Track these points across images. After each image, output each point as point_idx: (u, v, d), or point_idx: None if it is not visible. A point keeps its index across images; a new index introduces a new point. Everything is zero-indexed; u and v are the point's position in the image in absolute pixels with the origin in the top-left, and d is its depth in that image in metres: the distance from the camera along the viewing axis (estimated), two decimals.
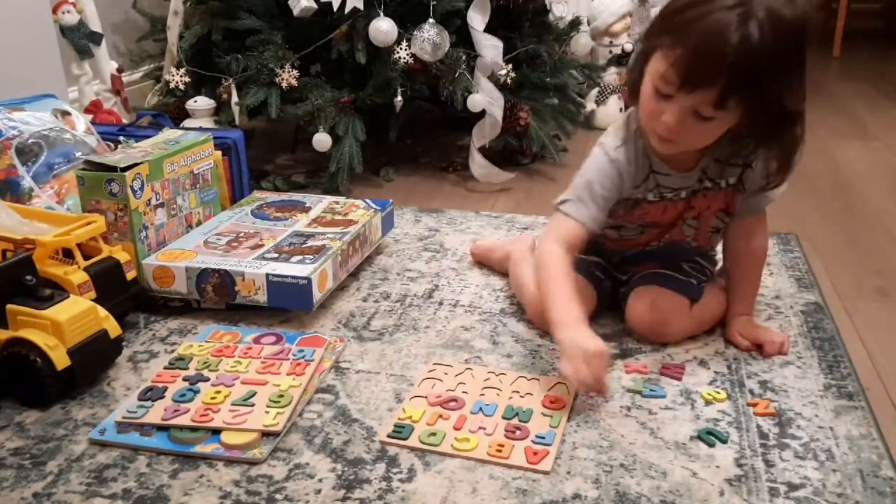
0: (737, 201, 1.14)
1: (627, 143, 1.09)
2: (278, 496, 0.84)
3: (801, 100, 0.98)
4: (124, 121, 1.92)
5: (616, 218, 1.14)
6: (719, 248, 1.23)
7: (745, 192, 1.12)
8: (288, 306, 1.22)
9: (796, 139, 1.01)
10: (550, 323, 1.03)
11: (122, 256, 1.18)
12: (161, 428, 0.94)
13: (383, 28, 1.72)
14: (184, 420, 0.95)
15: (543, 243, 1.11)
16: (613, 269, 1.21)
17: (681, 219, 1.14)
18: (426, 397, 1.01)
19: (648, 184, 1.10)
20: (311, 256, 1.24)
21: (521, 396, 1.00)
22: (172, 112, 1.91)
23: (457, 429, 0.94)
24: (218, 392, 1.00)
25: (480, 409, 0.98)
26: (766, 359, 1.10)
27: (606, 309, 1.21)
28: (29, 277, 1.03)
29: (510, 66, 1.88)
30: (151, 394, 1.00)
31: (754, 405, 0.99)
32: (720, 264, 1.25)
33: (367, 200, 1.48)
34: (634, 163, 1.09)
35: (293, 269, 1.19)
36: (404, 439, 0.93)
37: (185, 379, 1.04)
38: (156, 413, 0.96)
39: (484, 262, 1.42)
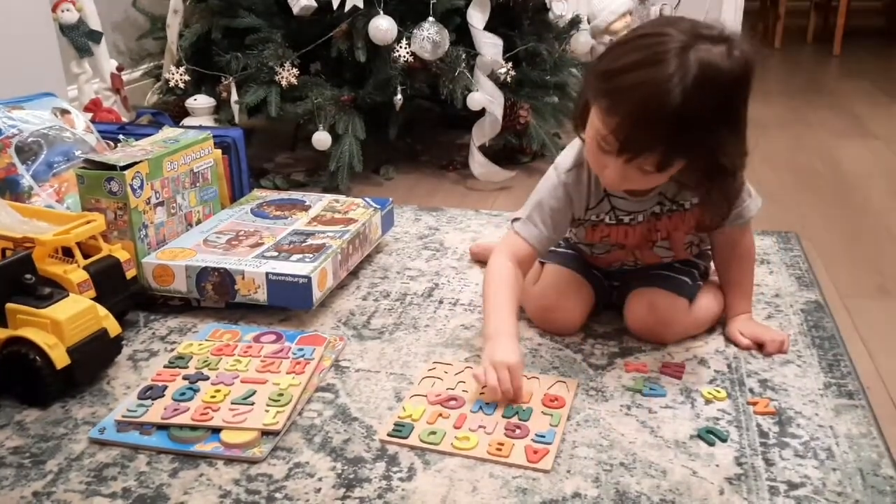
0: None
1: (580, 168, 1.08)
2: (278, 495, 0.84)
3: (740, 155, 0.95)
4: (124, 119, 1.92)
5: (581, 238, 1.15)
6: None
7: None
8: (288, 305, 1.22)
9: (735, 191, 1.02)
10: (483, 335, 1.05)
11: (122, 255, 1.18)
12: (161, 427, 0.94)
13: (383, 26, 1.72)
14: (183, 419, 0.95)
15: (494, 256, 1.11)
16: (605, 276, 1.21)
17: (649, 242, 1.13)
18: (426, 396, 1.01)
19: (603, 206, 1.09)
20: (311, 255, 1.23)
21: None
22: (172, 110, 1.91)
23: (457, 427, 0.94)
24: (218, 391, 1.00)
25: (480, 407, 0.98)
26: (766, 357, 1.10)
27: (605, 307, 1.21)
28: (28, 276, 1.03)
29: (510, 64, 1.87)
30: (151, 392, 1.00)
31: (754, 404, 0.99)
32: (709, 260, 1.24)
33: (367, 199, 1.48)
34: (587, 187, 1.08)
35: (293, 267, 1.19)
36: (404, 438, 0.92)
37: (184, 378, 1.04)
38: (155, 412, 0.96)
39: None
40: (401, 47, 1.75)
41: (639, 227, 1.11)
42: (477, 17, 1.80)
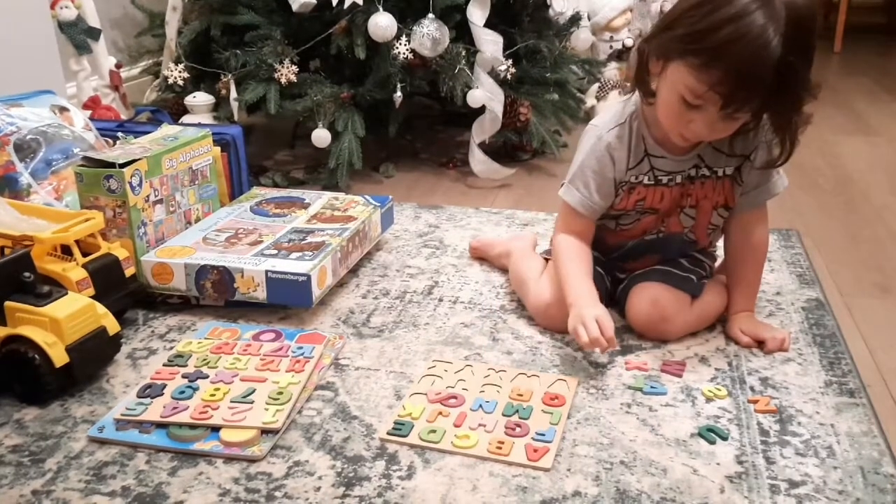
0: (735, 195, 1.13)
1: (622, 127, 1.10)
2: (277, 493, 0.84)
3: (814, 86, 0.98)
4: (123, 117, 1.92)
5: (615, 208, 1.15)
6: (719, 243, 1.23)
7: (744, 184, 1.12)
8: (287, 303, 1.22)
9: (805, 120, 1.03)
10: (568, 304, 1.09)
11: (121, 253, 1.18)
12: (160, 425, 0.94)
13: (383, 23, 1.71)
14: (183, 417, 0.94)
15: (555, 235, 1.18)
16: (612, 267, 1.21)
17: (678, 206, 1.14)
18: (426, 394, 1.00)
19: (643, 167, 1.11)
20: (311, 253, 1.23)
21: (520, 393, 1.00)
22: (171, 108, 1.90)
23: (457, 426, 0.94)
24: (217, 389, 1.00)
25: (480, 406, 0.98)
26: (766, 355, 1.10)
27: (606, 305, 1.21)
28: (27, 274, 1.02)
29: (510, 61, 1.87)
30: (150, 391, 1.00)
31: (755, 402, 0.99)
32: (720, 260, 1.24)
33: (367, 196, 1.47)
34: (628, 145, 1.10)
35: (292, 265, 1.19)
36: (404, 437, 0.92)
37: (184, 376, 1.03)
38: (155, 410, 0.96)
39: (483, 257, 1.42)
40: (400, 44, 1.74)
41: (675, 188, 1.12)
42: (477, 14, 1.80)
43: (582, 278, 1.11)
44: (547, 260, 1.24)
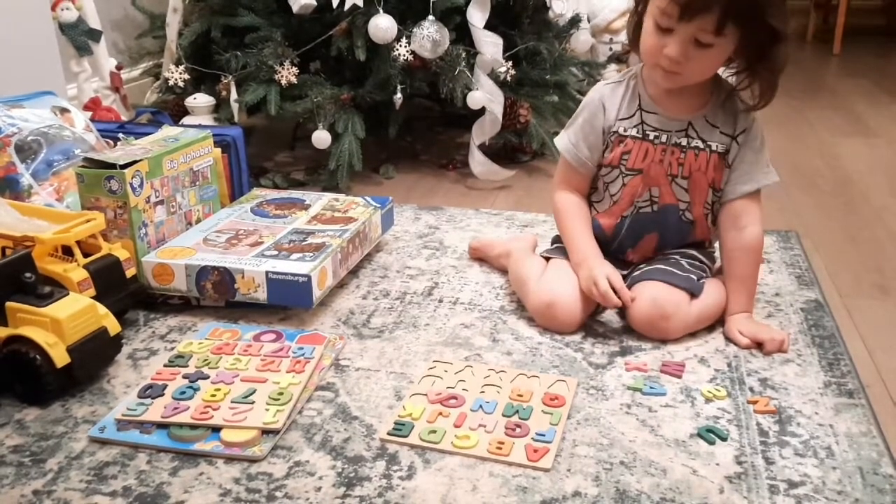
0: (724, 177, 1.16)
1: (619, 83, 1.18)
2: (278, 494, 0.84)
3: (786, 19, 1.04)
4: (123, 118, 1.92)
5: (603, 163, 1.19)
6: (717, 244, 1.23)
7: (731, 168, 1.16)
8: (287, 304, 1.22)
9: (783, 58, 1.08)
10: (572, 263, 1.19)
11: (122, 254, 1.18)
12: (161, 425, 0.94)
13: (383, 25, 1.72)
14: (183, 418, 0.95)
15: (553, 191, 1.26)
16: (614, 261, 1.21)
17: (669, 175, 1.16)
18: (426, 395, 1.01)
19: (634, 119, 1.16)
20: (311, 254, 1.23)
21: (520, 394, 1.00)
22: (172, 109, 1.90)
23: (457, 426, 0.94)
24: (218, 390, 1.00)
25: (480, 406, 0.98)
26: (766, 356, 1.10)
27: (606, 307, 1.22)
28: (28, 275, 1.03)
29: (510, 63, 1.87)
30: (151, 391, 1.00)
31: (754, 403, 0.99)
32: (719, 262, 1.25)
33: (367, 198, 1.47)
34: (622, 97, 1.17)
35: (293, 266, 1.19)
36: (404, 437, 0.92)
37: (184, 376, 1.04)
38: (155, 411, 0.96)
39: (482, 258, 1.42)
40: (401, 46, 1.75)
41: (660, 148, 1.15)
42: (477, 16, 1.80)
43: (585, 236, 1.19)
44: (547, 260, 1.24)
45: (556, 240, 1.28)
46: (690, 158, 1.15)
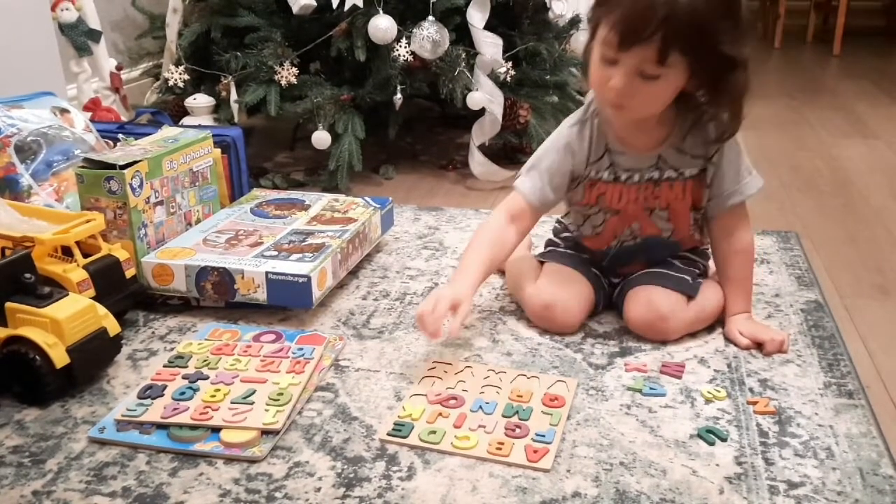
0: (703, 197, 1.14)
1: (584, 122, 1.13)
2: (278, 494, 0.84)
3: (742, 45, 0.98)
4: (123, 118, 1.92)
5: (577, 204, 1.17)
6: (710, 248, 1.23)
7: (712, 186, 1.13)
8: (287, 304, 1.22)
9: (742, 86, 1.02)
10: None
11: (122, 254, 1.18)
12: (160, 426, 0.94)
13: (383, 25, 1.72)
14: (183, 418, 0.94)
15: (493, 211, 1.18)
16: (607, 271, 1.21)
17: (647, 209, 1.14)
18: (426, 395, 1.01)
19: (603, 162, 1.12)
20: (311, 254, 1.23)
21: (520, 394, 1.00)
22: (171, 110, 1.90)
23: (457, 427, 0.94)
24: (217, 390, 1.00)
25: (480, 407, 0.98)
26: (765, 357, 1.10)
27: (605, 307, 1.21)
28: (28, 275, 1.02)
29: (510, 63, 1.87)
30: (151, 392, 1.00)
31: (754, 403, 0.99)
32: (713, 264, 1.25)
33: (367, 198, 1.47)
34: (588, 139, 1.12)
35: (292, 267, 1.19)
36: (404, 437, 0.92)
37: (184, 377, 1.04)
38: (155, 411, 0.96)
39: None
40: (400, 46, 1.75)
41: (633, 189, 1.12)
42: (477, 17, 1.80)
43: (475, 268, 1.10)
44: (542, 263, 1.24)
45: (550, 243, 1.28)
46: (666, 190, 1.12)
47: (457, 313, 1.05)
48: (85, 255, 1.14)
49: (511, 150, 2.02)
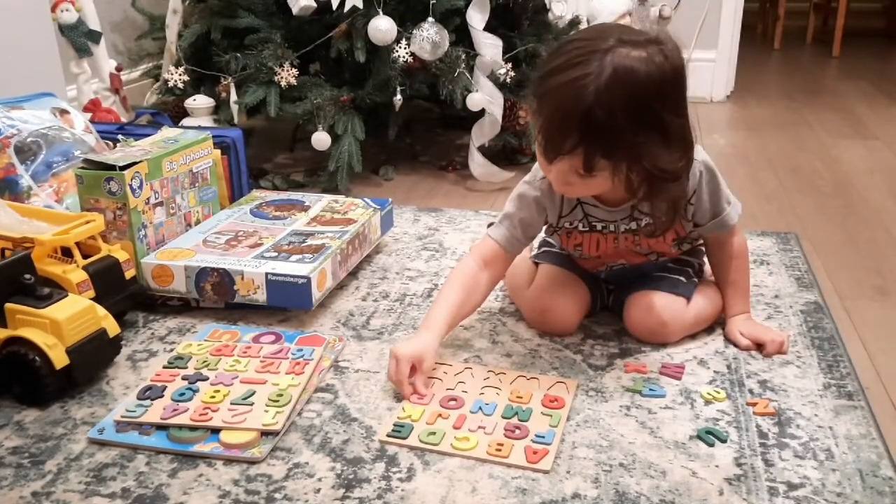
0: (685, 228, 1.12)
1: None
2: (277, 495, 0.84)
3: (672, 157, 0.94)
4: (123, 119, 1.92)
5: (558, 245, 1.16)
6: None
7: (693, 218, 1.10)
8: (287, 305, 1.22)
9: (676, 197, 1.01)
10: None
11: (121, 255, 1.18)
12: (160, 427, 0.94)
13: (382, 27, 1.72)
14: (183, 419, 0.94)
15: (465, 256, 1.15)
16: (604, 282, 1.22)
17: (630, 250, 1.14)
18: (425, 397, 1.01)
19: (576, 213, 1.11)
20: (311, 255, 1.23)
21: (520, 395, 1.00)
22: (171, 110, 1.91)
23: (456, 428, 0.94)
24: (217, 391, 1.00)
25: (480, 408, 0.98)
26: (765, 358, 1.10)
27: (602, 308, 1.21)
28: (28, 276, 1.02)
29: (510, 64, 1.87)
30: (150, 393, 1.00)
31: (754, 405, 0.99)
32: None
33: (367, 199, 1.47)
34: (559, 195, 1.08)
35: (292, 268, 1.19)
36: (404, 438, 0.92)
37: (184, 378, 1.04)
38: (155, 412, 0.96)
39: None
40: (400, 48, 1.75)
41: (612, 237, 1.11)
42: (476, 18, 1.80)
43: (444, 313, 1.06)
44: (537, 265, 1.24)
45: (544, 243, 1.27)
46: (646, 238, 1.10)
47: (420, 370, 1.01)
48: (85, 256, 1.14)
49: (511, 151, 2.02)
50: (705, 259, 1.22)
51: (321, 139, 1.77)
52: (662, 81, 0.91)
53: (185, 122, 1.84)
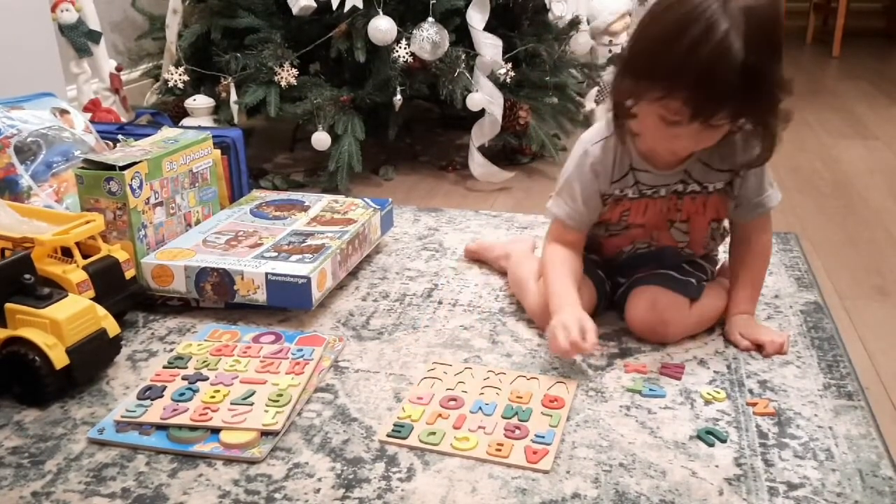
0: (728, 209, 1.14)
1: (607, 140, 1.10)
2: (277, 495, 0.84)
3: (785, 82, 0.99)
4: (123, 119, 1.92)
5: (601, 219, 1.15)
6: (721, 247, 1.23)
7: (737, 197, 1.12)
8: (287, 305, 1.22)
9: (784, 115, 1.03)
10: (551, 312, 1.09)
11: (121, 255, 1.18)
12: (160, 427, 0.94)
13: (382, 27, 1.72)
14: (183, 419, 0.94)
15: (544, 244, 1.18)
16: (613, 272, 1.21)
17: (668, 220, 1.14)
18: (423, 398, 1.00)
19: (627, 180, 1.11)
20: (310, 255, 1.23)
21: (520, 395, 1.00)
22: (171, 110, 1.90)
23: (456, 428, 0.94)
24: (217, 391, 1.00)
25: (480, 408, 0.98)
26: (765, 358, 1.10)
27: (606, 308, 1.21)
28: (28, 276, 1.02)
29: (510, 64, 1.87)
30: (150, 393, 1.00)
31: (754, 405, 0.99)
32: (721, 263, 1.25)
33: (367, 199, 1.47)
34: (613, 160, 1.10)
35: (292, 268, 1.19)
36: (404, 438, 0.92)
37: (184, 378, 1.04)
38: (155, 412, 0.96)
39: (479, 259, 1.42)
40: (400, 48, 1.75)
41: (659, 201, 1.12)
42: (476, 18, 1.80)
43: (566, 287, 1.10)
44: None
45: None
46: (688, 203, 1.12)
47: (587, 329, 1.03)
48: (85, 256, 1.14)
49: (511, 151, 2.02)
50: (717, 267, 1.22)
51: (321, 139, 1.77)
52: (778, 9, 0.95)
53: (185, 122, 1.84)
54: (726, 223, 1.19)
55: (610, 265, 1.21)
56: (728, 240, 1.21)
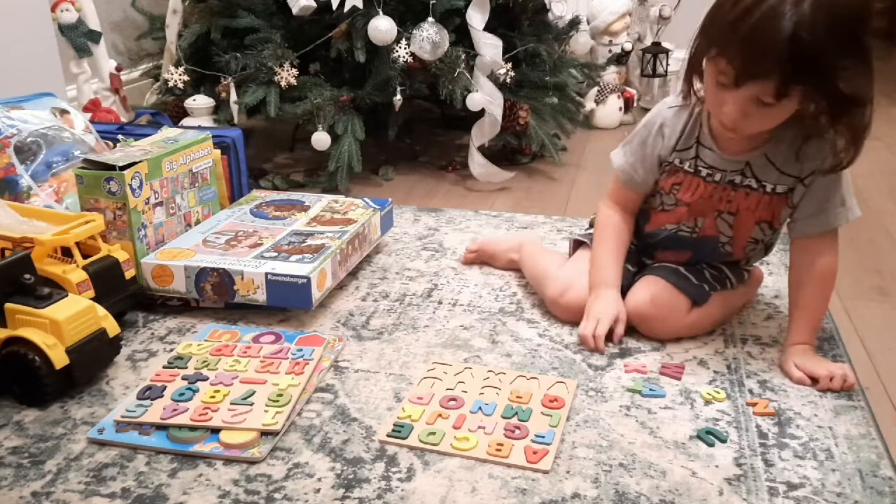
0: (782, 215, 1.11)
1: (685, 107, 1.12)
2: (277, 495, 0.84)
3: (866, 83, 0.98)
4: (123, 119, 1.92)
5: (655, 189, 1.17)
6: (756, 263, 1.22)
7: (796, 208, 1.09)
8: (287, 305, 1.22)
9: (862, 122, 1.00)
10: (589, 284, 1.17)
11: (121, 255, 1.18)
12: (160, 427, 0.94)
13: (382, 27, 1.72)
14: (183, 419, 0.94)
15: (601, 204, 1.22)
16: (642, 252, 1.22)
17: (716, 210, 1.13)
18: (422, 398, 1.00)
19: (689, 152, 1.11)
20: (310, 255, 1.23)
21: (520, 395, 1.00)
22: (171, 111, 1.91)
23: (456, 428, 0.94)
24: (217, 391, 1.00)
25: (480, 408, 0.98)
26: (765, 359, 1.10)
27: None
28: (27, 276, 1.02)
29: (510, 65, 1.87)
30: (150, 393, 1.00)
31: (754, 405, 0.99)
32: (749, 277, 1.22)
33: (367, 199, 1.47)
34: (683, 126, 1.11)
35: (292, 268, 1.19)
36: (404, 438, 0.92)
37: (183, 378, 1.04)
38: (154, 412, 0.96)
39: (482, 256, 1.41)
40: (400, 48, 1.75)
41: (710, 186, 1.11)
42: (476, 18, 1.80)
43: (612, 261, 1.16)
44: (577, 244, 1.26)
45: (593, 224, 1.26)
46: (740, 197, 1.10)
47: (619, 321, 1.12)
48: (84, 256, 1.14)
49: (511, 151, 2.02)
50: (744, 282, 1.21)
51: (321, 139, 1.77)
52: (863, 8, 0.95)
53: (185, 122, 1.84)
54: (775, 239, 1.18)
55: (644, 244, 1.21)
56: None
